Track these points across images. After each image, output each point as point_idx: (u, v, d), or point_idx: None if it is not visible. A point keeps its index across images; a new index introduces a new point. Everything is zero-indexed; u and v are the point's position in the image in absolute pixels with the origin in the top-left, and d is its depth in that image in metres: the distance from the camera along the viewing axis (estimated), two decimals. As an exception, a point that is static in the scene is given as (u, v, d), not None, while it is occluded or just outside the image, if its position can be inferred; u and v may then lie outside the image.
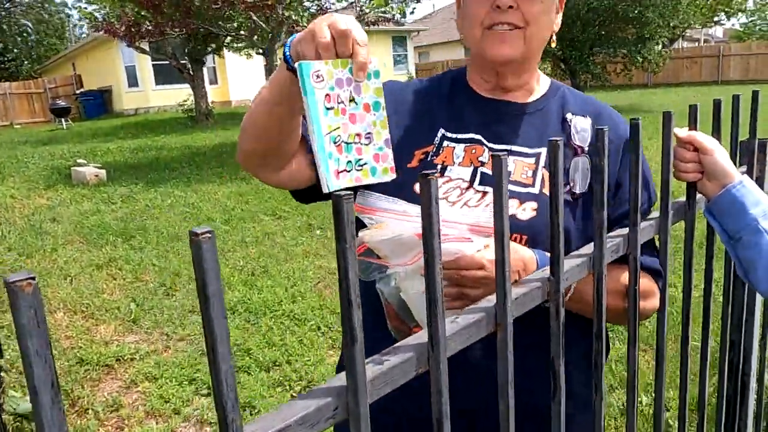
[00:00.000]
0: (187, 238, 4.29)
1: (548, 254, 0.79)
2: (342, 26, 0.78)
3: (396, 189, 0.95)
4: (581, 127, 1.05)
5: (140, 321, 3.62)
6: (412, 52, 25.35)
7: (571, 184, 1.02)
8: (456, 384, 0.74)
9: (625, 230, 0.95)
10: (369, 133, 0.81)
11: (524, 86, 1.06)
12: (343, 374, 0.55)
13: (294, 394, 2.84)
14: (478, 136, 1.02)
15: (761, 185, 1.38)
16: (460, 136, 1.03)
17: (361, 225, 0.97)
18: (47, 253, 4.93)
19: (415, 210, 0.88)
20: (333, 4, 10.79)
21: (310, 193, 1.04)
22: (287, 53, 0.83)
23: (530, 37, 0.98)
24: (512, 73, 1.03)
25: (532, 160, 1.02)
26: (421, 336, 0.65)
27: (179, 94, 18.45)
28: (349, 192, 0.52)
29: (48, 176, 8.26)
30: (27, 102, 20.97)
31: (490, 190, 0.99)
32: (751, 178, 1.32)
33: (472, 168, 1.00)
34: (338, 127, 0.77)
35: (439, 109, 1.06)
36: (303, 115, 0.92)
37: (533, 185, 1.00)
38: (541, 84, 1.09)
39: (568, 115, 1.06)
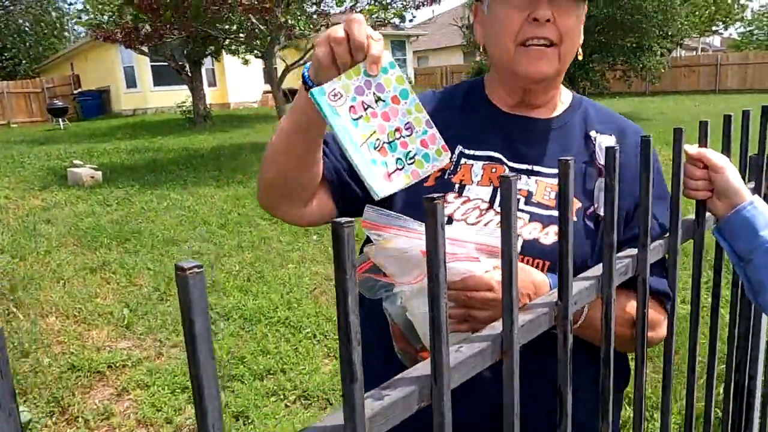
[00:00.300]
0: (183, 242, 4.27)
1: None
2: (354, 22, 0.76)
3: (410, 209, 0.90)
4: (606, 145, 1.00)
5: (133, 326, 3.57)
6: (411, 57, 25.38)
7: (596, 206, 0.98)
8: (459, 414, 0.70)
9: (634, 251, 0.92)
10: (407, 122, 0.79)
11: (550, 102, 1.03)
12: (340, 412, 0.51)
13: (288, 404, 2.80)
14: (498, 155, 0.98)
15: (769, 202, 1.35)
16: (478, 153, 0.99)
17: (367, 241, 0.93)
18: (40, 255, 4.88)
19: (422, 228, 0.84)
20: (332, 7, 10.77)
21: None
22: (306, 74, 0.81)
23: (564, 54, 0.95)
24: (542, 90, 1.00)
25: (555, 180, 0.97)
26: (424, 367, 0.61)
27: (177, 96, 18.40)
28: (349, 219, 0.48)
29: (43, 177, 8.21)
30: (24, 101, 20.89)
31: None
32: (759, 194, 1.30)
33: (491, 188, 0.95)
34: (374, 132, 0.75)
35: (455, 124, 1.01)
36: (324, 151, 0.91)
37: (555, 207, 0.96)
38: (563, 98, 1.06)
39: (592, 133, 1.02)
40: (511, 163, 0.98)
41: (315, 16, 10.40)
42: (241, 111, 19.72)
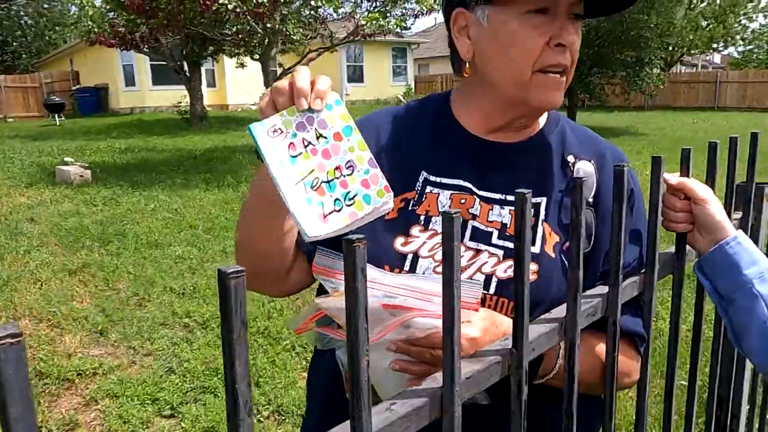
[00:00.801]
0: (167, 246, 4.18)
1: None
2: (298, 72, 0.73)
3: (375, 244, 0.84)
4: (585, 172, 0.92)
5: (108, 333, 3.47)
6: (411, 64, 25.37)
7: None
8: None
9: (604, 289, 0.84)
10: (349, 161, 0.73)
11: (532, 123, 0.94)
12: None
13: (261, 419, 2.71)
14: (468, 184, 0.88)
15: (756, 233, 1.28)
16: (445, 181, 0.89)
17: (322, 289, 0.86)
18: (20, 255, 4.77)
19: (387, 277, 0.76)
20: (330, 14, 10.73)
21: None
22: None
23: (569, 79, 0.87)
24: (537, 116, 0.93)
25: (531, 211, 0.89)
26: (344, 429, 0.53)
27: (176, 95, 18.34)
28: (239, 269, 0.40)
29: (32, 174, 8.11)
30: (22, 96, 20.80)
31: (484, 247, 0.86)
32: (746, 225, 1.22)
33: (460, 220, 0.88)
34: (312, 170, 0.71)
35: (422, 148, 0.92)
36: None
37: (533, 243, 0.87)
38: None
39: (570, 157, 0.93)
40: (481, 192, 0.89)
41: (312, 22, 10.35)
42: (238, 113, 19.67)
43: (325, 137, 0.72)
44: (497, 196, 0.89)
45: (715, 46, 25.07)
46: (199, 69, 15.60)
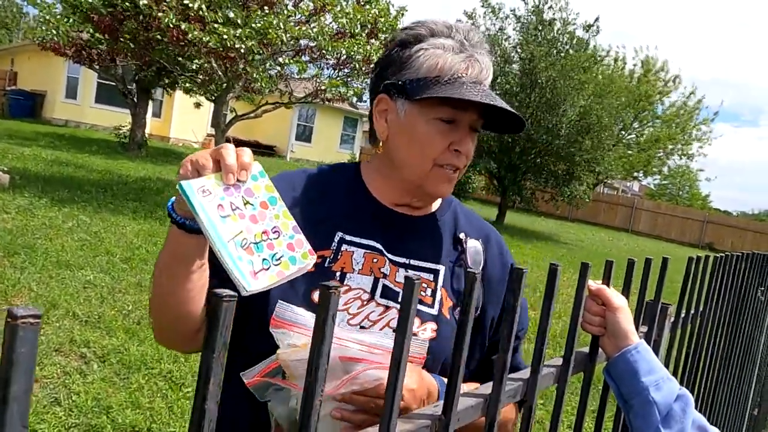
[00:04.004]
0: (78, 268, 3.95)
1: (445, 382, 0.74)
2: (224, 148, 0.77)
3: (292, 295, 0.89)
4: (474, 249, 1.06)
5: (-7, 350, 3.19)
6: (360, 135, 26.06)
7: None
8: None
9: (526, 374, 0.92)
10: (275, 227, 0.78)
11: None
12: None
13: (146, 468, 2.54)
14: (379, 246, 0.99)
15: (657, 348, 1.41)
16: (359, 240, 0.98)
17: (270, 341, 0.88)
18: None
19: (343, 333, 0.81)
20: (293, 73, 11.00)
21: None
22: (172, 208, 0.82)
23: (461, 175, 1.01)
24: (432, 200, 1.05)
25: (431, 276, 1.00)
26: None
27: (117, 118, 17.83)
28: (231, 294, 0.45)
29: (-57, 168, 7.54)
30: (-50, 88, 19.55)
31: (393, 304, 0.95)
32: (650, 340, 1.35)
33: (372, 277, 0.95)
34: (241, 231, 0.75)
35: (336, 210, 1.01)
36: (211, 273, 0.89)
37: (432, 305, 0.98)
38: None
39: (461, 235, 1.06)
40: (390, 256, 0.99)
41: (274, 76, 10.56)
42: (179, 148, 19.28)
43: (252, 204, 0.77)
44: (403, 260, 0.99)
45: (635, 174, 27.41)
46: (148, 97, 15.35)
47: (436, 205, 1.08)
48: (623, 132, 24.30)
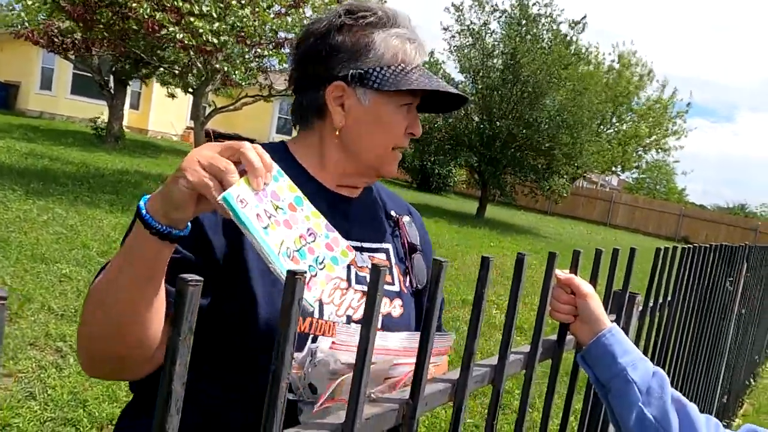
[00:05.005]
0: (54, 262, 3.89)
1: None
2: (248, 149, 0.71)
3: (276, 294, 0.88)
4: (408, 225, 1.13)
5: (-34, 345, 3.14)
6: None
7: (416, 281, 1.08)
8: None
9: (494, 360, 0.94)
10: (309, 229, 0.75)
11: None
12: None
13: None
14: None
15: (626, 335, 1.45)
16: None
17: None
18: None
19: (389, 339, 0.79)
20: (273, 65, 10.93)
21: None
22: (144, 209, 0.70)
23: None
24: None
25: (383, 256, 1.04)
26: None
27: (93, 109, 17.54)
28: (197, 278, 0.45)
29: None
30: None
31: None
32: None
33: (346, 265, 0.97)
34: (282, 241, 0.70)
35: None
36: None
37: (393, 282, 1.03)
38: None
39: (393, 213, 1.12)
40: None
41: (253, 68, 10.47)
42: (158, 140, 19.03)
43: (282, 208, 0.72)
44: (355, 243, 1.00)
45: (614, 169, 27.78)
46: (125, 88, 15.12)
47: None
48: (602, 127, 24.60)
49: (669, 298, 1.92)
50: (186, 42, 7.99)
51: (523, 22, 15.21)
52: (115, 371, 0.86)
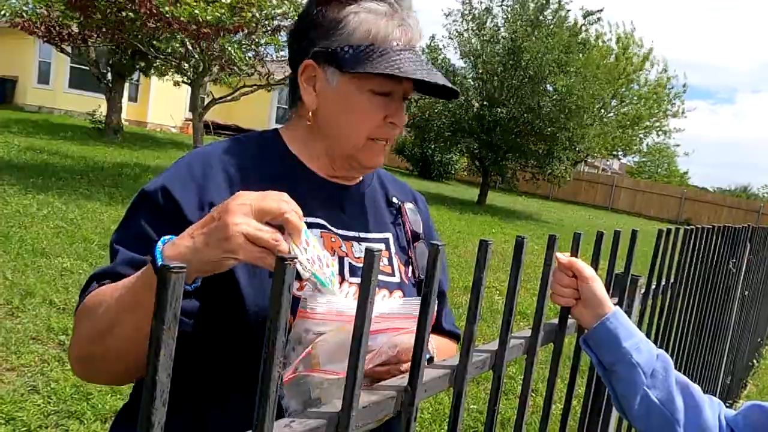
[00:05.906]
0: (54, 256, 3.89)
1: None
2: (289, 209, 0.71)
3: (260, 288, 0.84)
4: (411, 211, 1.08)
5: (-31, 341, 3.15)
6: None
7: (418, 270, 1.03)
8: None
9: (494, 346, 0.93)
10: (317, 255, 0.79)
11: None
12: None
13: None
14: (321, 221, 0.93)
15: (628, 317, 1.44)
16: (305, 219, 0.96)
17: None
18: None
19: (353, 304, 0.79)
20: (270, 54, 10.85)
21: None
22: (159, 255, 0.70)
23: (389, 146, 1.00)
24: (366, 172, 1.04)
25: (383, 246, 0.99)
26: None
27: (92, 103, 17.47)
28: (181, 265, 0.44)
29: None
30: None
31: None
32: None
33: (337, 258, 0.92)
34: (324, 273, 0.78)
35: (273, 184, 0.85)
36: None
37: (393, 273, 0.98)
38: None
39: (394, 199, 1.07)
40: (338, 231, 0.95)
41: (252, 57, 10.40)
42: (157, 133, 18.99)
43: (311, 245, 0.77)
44: (352, 233, 0.96)
45: (615, 153, 27.69)
46: (124, 81, 15.04)
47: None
48: (603, 110, 24.49)
49: (672, 281, 1.91)
50: (183, 19, 7.89)
51: (530, 5, 15.03)
52: (113, 382, 0.89)
